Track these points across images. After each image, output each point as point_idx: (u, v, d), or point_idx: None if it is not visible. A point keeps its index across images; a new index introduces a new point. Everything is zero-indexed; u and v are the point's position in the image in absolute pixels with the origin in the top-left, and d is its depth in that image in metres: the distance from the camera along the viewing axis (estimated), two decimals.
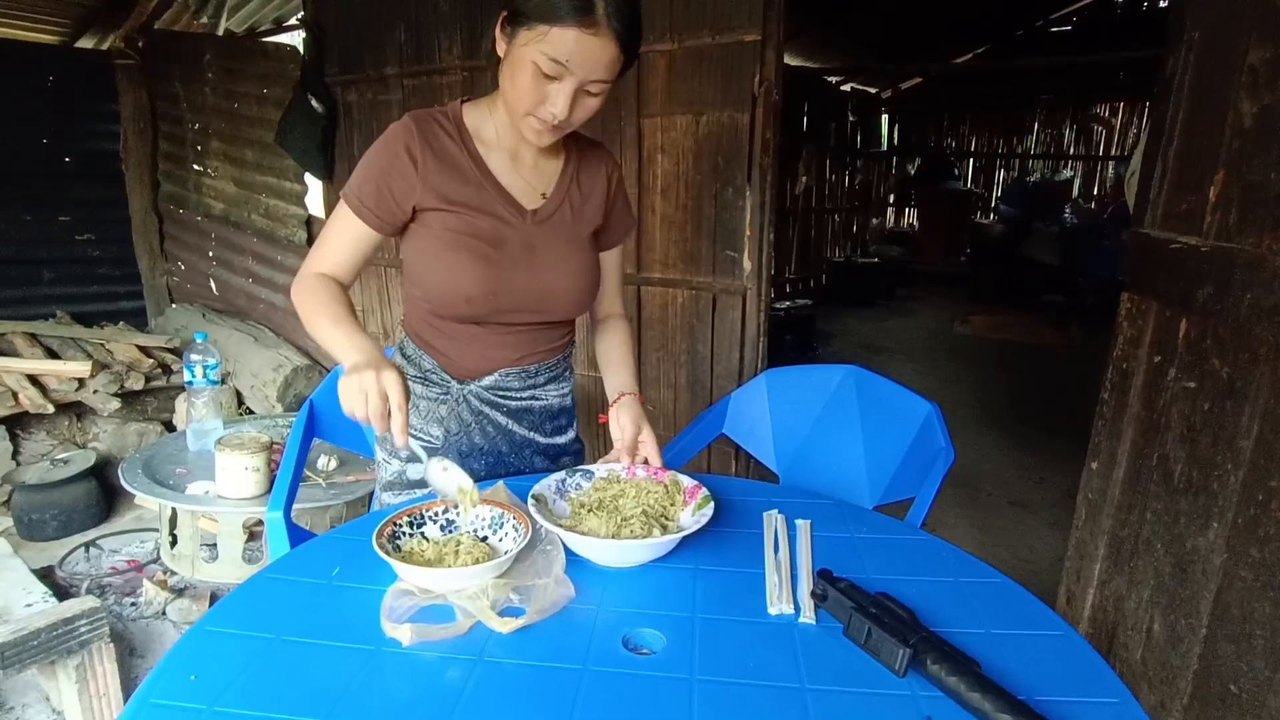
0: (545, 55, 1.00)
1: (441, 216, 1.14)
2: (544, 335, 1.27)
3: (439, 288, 1.16)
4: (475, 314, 1.18)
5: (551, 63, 1.01)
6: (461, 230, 1.14)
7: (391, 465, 1.28)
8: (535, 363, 1.27)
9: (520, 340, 1.24)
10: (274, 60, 3.71)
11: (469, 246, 1.14)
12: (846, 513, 1.15)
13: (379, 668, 0.76)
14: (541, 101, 1.05)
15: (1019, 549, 2.87)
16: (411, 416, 1.23)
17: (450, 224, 1.14)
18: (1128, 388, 1.54)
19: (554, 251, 1.20)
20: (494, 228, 1.16)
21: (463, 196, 1.14)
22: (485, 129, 1.18)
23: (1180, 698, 1.36)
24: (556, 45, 1.00)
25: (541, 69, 1.02)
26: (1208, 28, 1.36)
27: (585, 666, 0.77)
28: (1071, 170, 9.27)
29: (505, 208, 1.17)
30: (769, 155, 2.22)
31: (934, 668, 0.74)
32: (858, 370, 1.69)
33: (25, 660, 1.62)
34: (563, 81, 1.03)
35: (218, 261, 4.40)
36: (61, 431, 3.38)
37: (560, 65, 1.01)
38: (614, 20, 1.00)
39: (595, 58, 1.01)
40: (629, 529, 0.97)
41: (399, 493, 1.28)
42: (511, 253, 1.17)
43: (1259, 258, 1.16)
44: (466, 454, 1.26)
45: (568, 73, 1.02)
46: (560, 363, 1.32)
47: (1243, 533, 1.21)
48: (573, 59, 1.01)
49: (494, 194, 1.16)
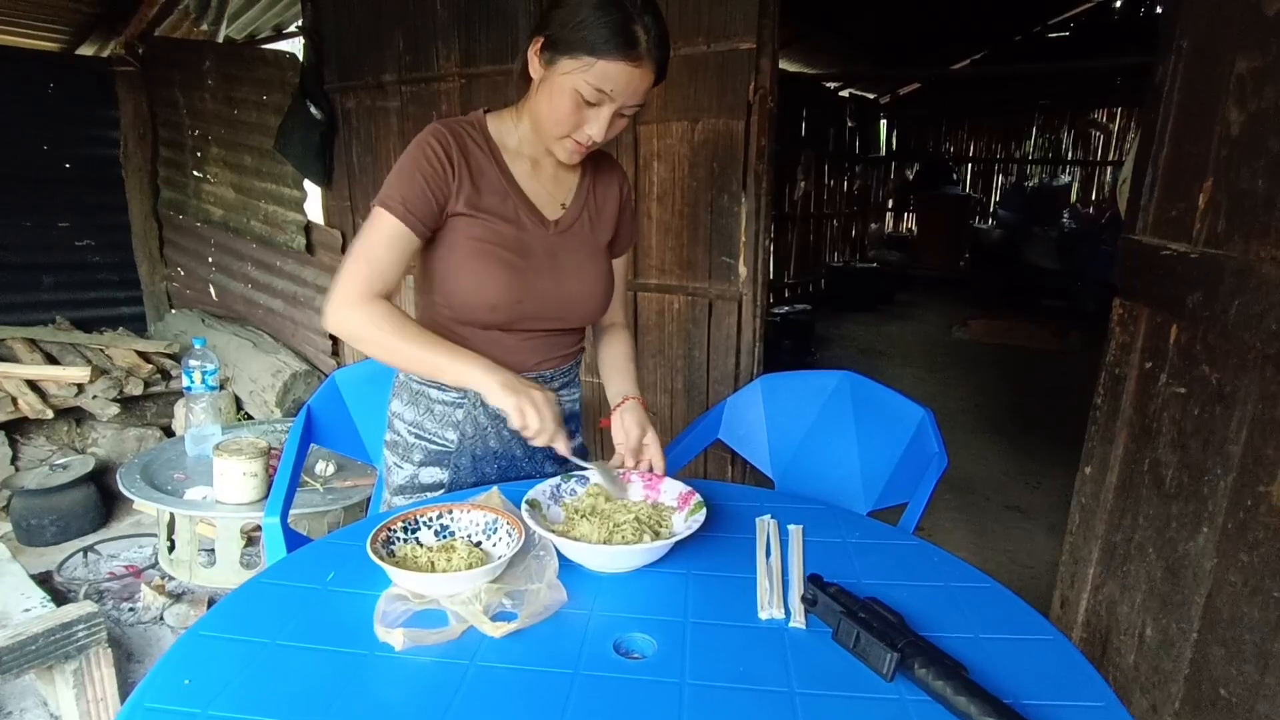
0: (590, 85, 1.05)
1: (469, 224, 1.15)
2: (560, 341, 1.29)
3: (465, 295, 1.17)
4: (498, 320, 1.20)
5: (596, 91, 1.05)
6: (487, 239, 1.16)
7: (404, 470, 1.29)
8: (551, 368, 1.29)
9: (538, 346, 1.26)
10: (273, 67, 3.73)
11: (495, 255, 1.16)
12: (839, 518, 1.16)
13: (372, 672, 0.77)
14: (580, 125, 1.09)
15: (1016, 554, 2.88)
16: (426, 420, 1.26)
17: (476, 232, 1.15)
18: (1120, 393, 1.55)
19: (575, 260, 1.23)
20: (518, 236, 1.18)
21: (490, 205, 1.16)
22: (509, 139, 1.20)
23: (1172, 702, 1.36)
24: (602, 77, 1.04)
25: (584, 96, 1.06)
26: (1197, 37, 1.37)
27: (577, 671, 0.78)
28: (1069, 175, 9.30)
29: (529, 217, 1.19)
30: (764, 162, 2.23)
31: (921, 672, 0.75)
32: (852, 376, 1.70)
33: (23, 665, 1.62)
34: (603, 107, 1.08)
35: (217, 267, 4.41)
36: (60, 437, 3.38)
37: (603, 94, 1.06)
38: (655, 51, 1.05)
39: (636, 87, 1.07)
40: (621, 535, 0.98)
41: (410, 496, 1.29)
42: (536, 261, 1.19)
43: (1247, 264, 1.17)
44: (481, 458, 1.28)
45: (609, 100, 1.07)
46: (573, 369, 1.35)
47: (1232, 537, 1.22)
48: (616, 89, 1.05)
49: (519, 203, 1.19)
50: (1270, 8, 1.17)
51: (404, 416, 1.28)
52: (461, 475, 1.27)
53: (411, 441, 1.28)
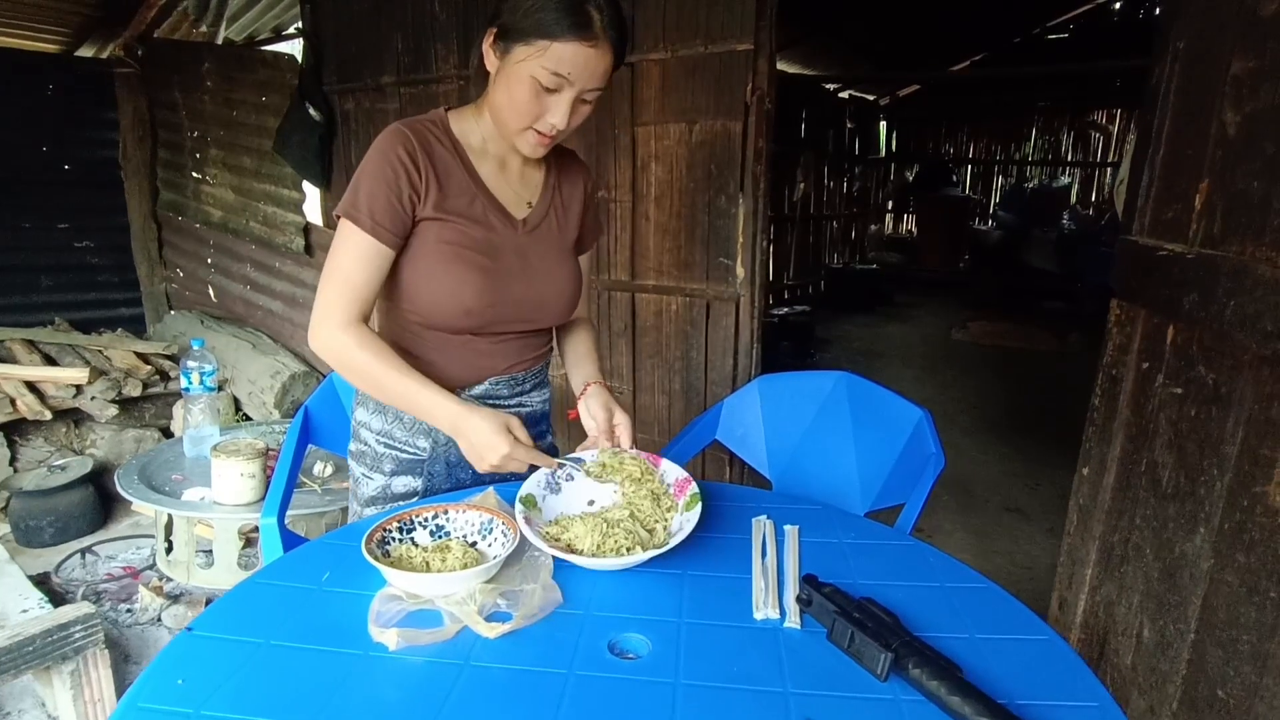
0: (546, 70, 1.02)
1: (438, 228, 1.12)
2: (530, 343, 1.27)
3: (437, 301, 1.14)
4: (471, 325, 1.17)
5: (553, 76, 1.03)
6: (457, 242, 1.13)
7: (374, 480, 1.25)
8: (522, 370, 1.28)
9: (509, 349, 1.24)
10: (272, 69, 3.74)
11: (466, 258, 1.13)
12: (835, 518, 1.16)
13: (366, 672, 0.77)
14: (541, 114, 1.06)
15: (1016, 555, 2.88)
16: (395, 429, 1.23)
17: (446, 235, 1.13)
18: (1117, 394, 1.55)
19: (545, 260, 1.22)
20: (487, 238, 1.16)
21: (458, 207, 1.14)
22: (472, 138, 1.18)
23: (1169, 703, 1.36)
24: (557, 60, 1.02)
25: (541, 83, 1.04)
26: (1193, 38, 1.37)
27: (570, 671, 0.78)
28: (1069, 177, 9.30)
29: (497, 217, 1.17)
30: (762, 163, 2.23)
31: (915, 671, 0.75)
32: (849, 376, 1.70)
33: (20, 666, 1.62)
34: (562, 93, 1.05)
35: (216, 268, 4.41)
36: (59, 438, 3.38)
37: (561, 78, 1.03)
38: (610, 30, 1.03)
39: (594, 68, 1.04)
40: (614, 539, 0.98)
41: (382, 506, 1.25)
42: (506, 263, 1.17)
43: (1242, 265, 1.17)
44: (455, 463, 1.26)
45: (568, 85, 1.04)
46: (543, 370, 1.34)
47: (1229, 538, 1.22)
48: (574, 72, 1.03)
49: (487, 204, 1.16)
50: (1266, 9, 1.17)
51: (371, 425, 1.24)
52: (436, 482, 1.25)
53: (381, 451, 1.24)
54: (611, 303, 2.70)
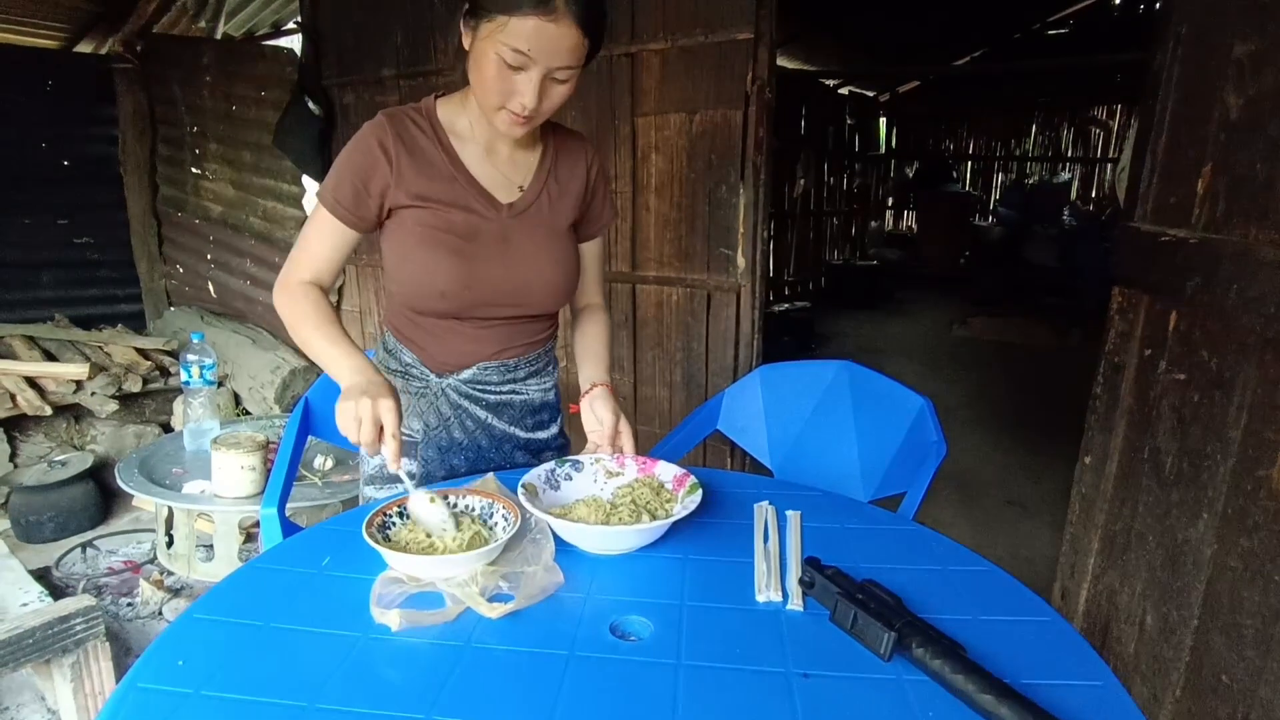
0: (507, 46, 1.01)
1: (416, 213, 1.15)
2: (523, 329, 1.26)
3: (414, 283, 1.17)
4: (451, 308, 1.18)
5: (514, 53, 1.01)
6: (434, 225, 1.14)
7: (374, 460, 1.28)
8: (514, 356, 1.27)
9: (498, 334, 1.24)
10: (271, 63, 3.73)
11: (441, 241, 1.14)
12: (837, 504, 1.16)
13: (367, 653, 0.77)
14: (510, 93, 1.05)
15: (1017, 548, 2.87)
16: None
17: (424, 219, 1.14)
18: (1119, 381, 1.55)
19: (531, 244, 1.20)
20: (467, 222, 1.16)
21: (436, 192, 1.14)
22: (459, 123, 1.18)
23: (1173, 689, 1.36)
24: (516, 35, 1.00)
25: (505, 60, 1.02)
26: (1195, 21, 1.37)
27: (572, 652, 0.78)
28: (1069, 173, 9.29)
29: (479, 201, 1.17)
30: (762, 153, 2.23)
31: (919, 651, 0.74)
32: (851, 365, 1.69)
33: (20, 659, 1.62)
34: (528, 71, 1.03)
35: (216, 264, 4.40)
36: (59, 434, 3.38)
37: (523, 55, 1.01)
38: (572, 5, 1.00)
39: (556, 45, 1.02)
40: (618, 516, 0.97)
41: (380, 486, 1.28)
42: (485, 246, 1.17)
43: (1245, 249, 1.17)
44: (446, 449, 1.26)
45: (531, 62, 1.02)
46: (541, 357, 1.32)
47: (1232, 522, 1.22)
48: (534, 48, 1.01)
49: (467, 188, 1.16)
50: None
51: None
52: (430, 468, 1.26)
53: None
54: (612, 294, 2.69)
